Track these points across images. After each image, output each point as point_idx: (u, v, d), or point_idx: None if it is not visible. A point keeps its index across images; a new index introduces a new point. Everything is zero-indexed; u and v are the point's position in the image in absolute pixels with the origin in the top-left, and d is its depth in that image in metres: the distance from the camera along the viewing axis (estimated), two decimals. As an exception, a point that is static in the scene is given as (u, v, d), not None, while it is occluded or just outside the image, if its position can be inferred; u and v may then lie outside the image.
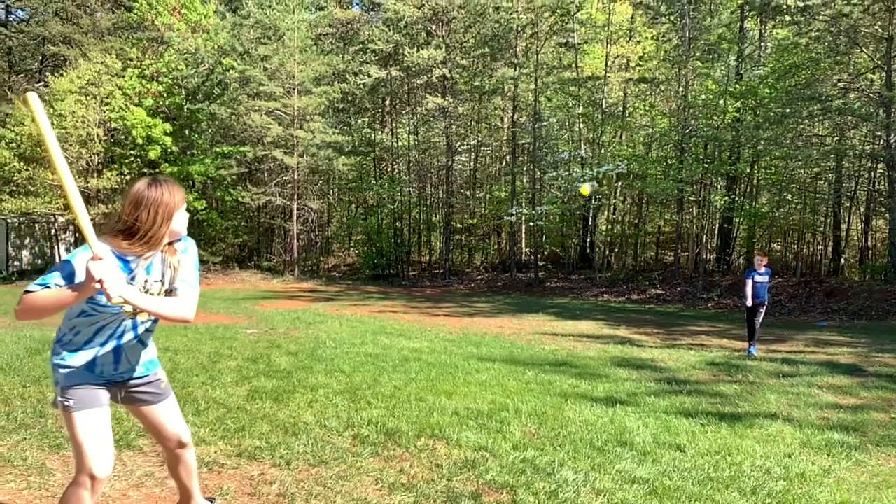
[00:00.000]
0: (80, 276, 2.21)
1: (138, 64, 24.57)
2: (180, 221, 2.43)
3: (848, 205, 22.23)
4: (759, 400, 6.13)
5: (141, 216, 2.31)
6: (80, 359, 2.42)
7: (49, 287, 2.22)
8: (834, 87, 18.78)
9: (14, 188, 22.89)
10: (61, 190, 2.07)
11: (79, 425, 2.38)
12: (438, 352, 8.36)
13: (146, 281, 2.42)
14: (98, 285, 2.10)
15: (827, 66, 18.49)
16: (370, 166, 28.88)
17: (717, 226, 24.38)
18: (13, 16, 32.36)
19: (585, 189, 5.43)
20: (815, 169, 21.62)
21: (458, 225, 28.56)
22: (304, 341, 8.87)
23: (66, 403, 2.38)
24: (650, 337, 11.15)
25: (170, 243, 2.46)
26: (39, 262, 25.62)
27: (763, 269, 9.52)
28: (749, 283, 9.56)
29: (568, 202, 24.98)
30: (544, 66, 24.41)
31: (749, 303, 9.56)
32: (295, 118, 24.20)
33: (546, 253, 26.44)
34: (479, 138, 28.65)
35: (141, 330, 2.53)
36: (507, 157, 26.78)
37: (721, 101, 20.65)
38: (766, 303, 9.60)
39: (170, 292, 2.47)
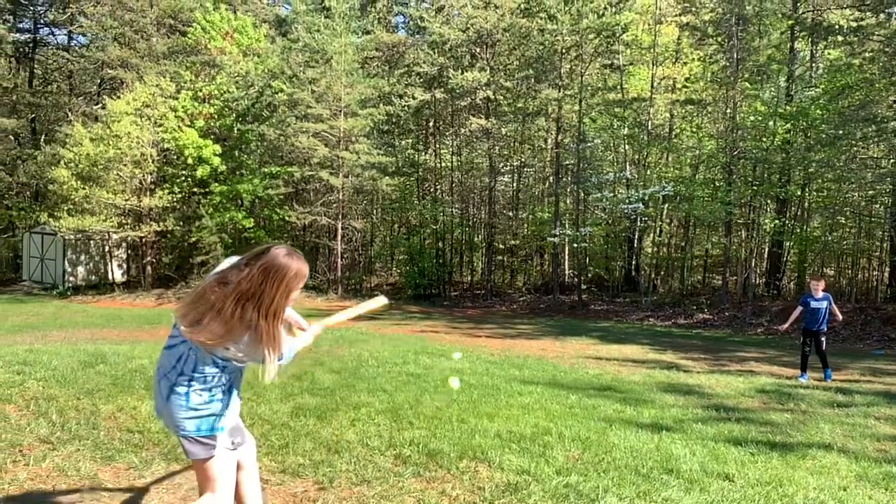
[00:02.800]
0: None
1: (191, 86, 25.36)
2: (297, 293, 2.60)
3: (906, 229, 21.47)
4: (812, 430, 5.92)
5: (266, 289, 2.44)
6: (224, 406, 2.58)
7: None
8: (889, 108, 18.30)
9: (71, 206, 23.76)
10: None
11: (234, 463, 2.60)
12: (480, 373, 8.30)
13: None
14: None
15: (882, 86, 18.02)
16: (413, 187, 29.11)
17: (767, 249, 23.79)
18: (75, 41, 33.81)
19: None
20: (870, 192, 20.96)
21: (501, 246, 28.50)
22: (347, 359, 8.92)
23: (232, 445, 2.57)
24: (697, 362, 10.91)
25: None
26: (94, 277, 26.48)
27: (821, 295, 9.27)
28: (798, 309, 9.39)
29: (612, 224, 24.71)
30: (589, 88, 24.33)
31: (783, 328, 9.53)
32: (341, 139, 24.61)
33: (590, 275, 26.15)
34: (523, 159, 28.65)
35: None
36: (551, 178, 26.68)
37: (771, 123, 20.27)
38: (825, 329, 9.33)
39: None
